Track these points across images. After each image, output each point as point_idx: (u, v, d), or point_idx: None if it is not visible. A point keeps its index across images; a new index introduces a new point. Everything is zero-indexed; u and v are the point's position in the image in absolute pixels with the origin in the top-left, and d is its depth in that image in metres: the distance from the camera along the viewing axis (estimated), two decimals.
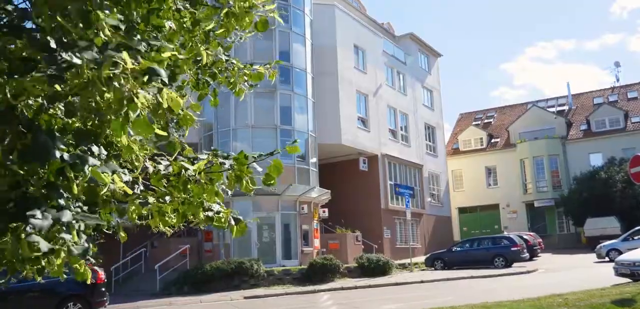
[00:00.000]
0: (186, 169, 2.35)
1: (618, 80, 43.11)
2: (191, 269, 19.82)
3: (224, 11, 2.66)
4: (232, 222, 2.63)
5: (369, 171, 28.35)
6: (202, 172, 2.38)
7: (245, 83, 2.93)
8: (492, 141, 42.30)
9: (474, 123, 45.05)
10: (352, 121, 26.99)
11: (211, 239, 22.82)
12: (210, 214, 2.58)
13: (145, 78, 1.75)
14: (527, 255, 24.38)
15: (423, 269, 24.54)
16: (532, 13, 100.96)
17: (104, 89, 1.60)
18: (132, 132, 2.02)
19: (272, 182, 2.51)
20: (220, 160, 2.44)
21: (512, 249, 23.49)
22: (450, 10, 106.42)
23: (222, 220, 2.61)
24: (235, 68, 2.82)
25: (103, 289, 12.61)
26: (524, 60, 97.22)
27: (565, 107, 42.22)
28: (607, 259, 22.09)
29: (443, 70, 38.18)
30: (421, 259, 26.40)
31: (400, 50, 33.62)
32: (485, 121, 45.36)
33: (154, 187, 2.43)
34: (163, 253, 22.05)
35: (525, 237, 27.18)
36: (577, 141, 38.42)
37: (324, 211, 24.75)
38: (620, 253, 19.35)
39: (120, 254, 23.58)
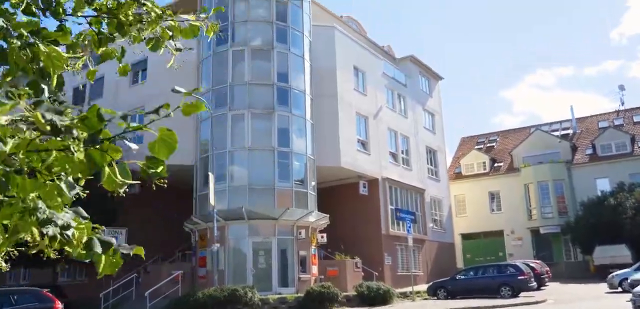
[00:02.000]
0: None
1: (623, 103, 42.38)
2: (183, 297, 18.91)
3: None
4: (98, 249, 1.58)
5: (369, 195, 27.52)
6: (22, 151, 1.30)
7: (172, 42, 2.15)
8: (495, 165, 41.45)
9: (476, 147, 44.22)
10: (352, 143, 26.28)
11: (205, 264, 21.93)
12: (50, 230, 1.45)
13: None
14: (534, 284, 23.34)
15: (425, 298, 23.52)
16: (530, 40, 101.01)
17: None
18: None
19: (158, 169, 1.58)
20: (46, 115, 1.29)
21: (519, 277, 22.49)
22: (449, 36, 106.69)
23: (75, 242, 1.51)
24: (153, 15, 2.02)
25: None
26: (523, 87, 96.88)
27: (570, 131, 41.44)
28: (620, 289, 21.07)
29: (443, 95, 37.59)
30: (423, 287, 25.37)
31: (401, 73, 33.07)
32: (488, 144, 44.58)
33: None
34: (155, 278, 21.20)
35: (531, 265, 26.15)
36: (583, 165, 37.55)
37: (322, 237, 23.85)
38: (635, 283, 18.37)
39: (111, 279, 22.69)
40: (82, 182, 1.49)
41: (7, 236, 1.37)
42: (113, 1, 1.89)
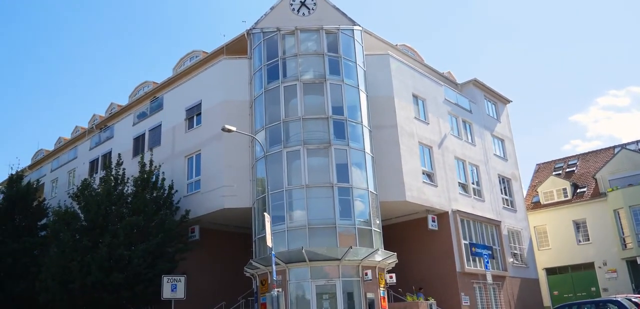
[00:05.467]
0: None
1: None
2: None
3: None
4: None
5: (439, 230, 25.47)
6: None
7: None
8: (578, 191, 37.78)
9: (554, 173, 40.68)
10: (417, 175, 24.51)
11: None
12: None
13: None
14: None
15: None
16: (597, 61, 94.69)
17: None
18: None
19: None
20: None
21: None
22: (509, 61, 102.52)
23: None
24: None
25: None
26: (595, 110, 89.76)
27: None
28: None
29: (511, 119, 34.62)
30: None
31: (464, 98, 31.15)
32: (567, 169, 40.92)
33: None
34: None
35: (634, 300, 22.74)
36: None
37: (391, 277, 21.99)
38: None
39: None
40: None
41: None
42: None
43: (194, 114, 25.48)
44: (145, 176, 23.15)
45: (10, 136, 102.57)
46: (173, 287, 18.76)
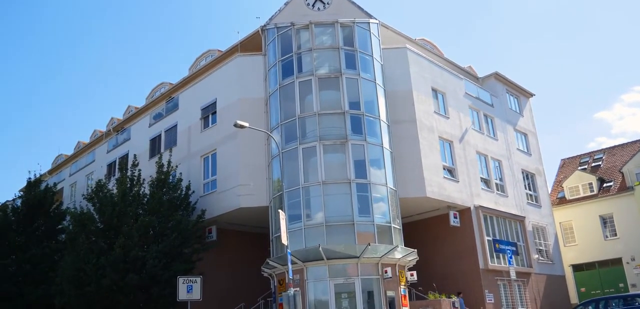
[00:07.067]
0: None
1: None
2: None
3: None
4: None
5: (461, 226, 24.77)
6: None
7: None
8: (604, 185, 36.59)
9: (579, 168, 39.51)
10: (437, 171, 23.86)
11: None
12: None
13: None
14: None
15: None
16: (621, 58, 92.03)
17: None
18: None
19: None
20: None
21: None
22: (531, 60, 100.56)
23: None
24: None
25: None
26: (620, 107, 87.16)
27: None
28: None
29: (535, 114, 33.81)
30: None
31: (486, 92, 30.34)
32: (593, 164, 39.69)
33: None
34: None
35: None
36: None
37: (412, 275, 21.37)
38: None
39: None
40: None
41: None
42: None
43: (209, 113, 25.24)
44: (163, 176, 22.93)
45: (33, 143, 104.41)
46: (189, 288, 18.45)
